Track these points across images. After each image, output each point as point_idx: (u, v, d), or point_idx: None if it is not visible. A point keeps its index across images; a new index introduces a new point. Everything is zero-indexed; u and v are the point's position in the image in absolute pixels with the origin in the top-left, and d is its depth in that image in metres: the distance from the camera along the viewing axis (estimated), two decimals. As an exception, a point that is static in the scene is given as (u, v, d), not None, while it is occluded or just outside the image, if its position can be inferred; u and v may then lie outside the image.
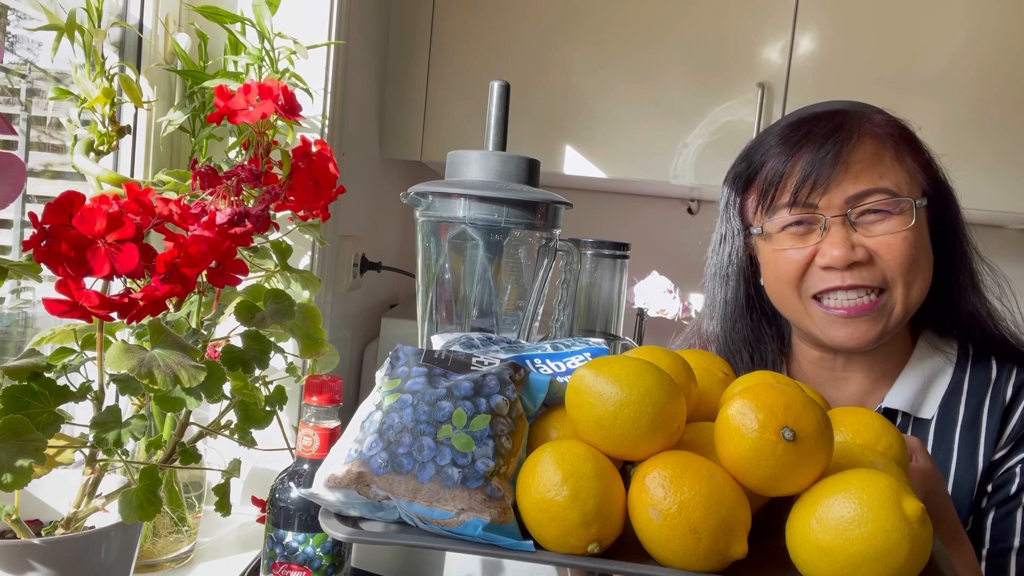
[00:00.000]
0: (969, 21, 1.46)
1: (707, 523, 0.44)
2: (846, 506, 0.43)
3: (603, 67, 1.56)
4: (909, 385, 0.84)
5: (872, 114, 0.83)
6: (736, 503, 0.45)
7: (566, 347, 0.64)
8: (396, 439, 0.48)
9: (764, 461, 0.45)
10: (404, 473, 0.47)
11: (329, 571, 0.74)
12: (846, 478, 0.45)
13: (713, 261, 0.94)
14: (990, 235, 0.88)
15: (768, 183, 0.82)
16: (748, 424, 0.45)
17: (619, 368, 0.49)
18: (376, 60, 1.53)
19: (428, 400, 0.50)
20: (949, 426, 0.82)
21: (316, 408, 0.73)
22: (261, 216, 0.76)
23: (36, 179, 0.98)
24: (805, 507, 0.45)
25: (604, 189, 1.94)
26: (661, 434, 0.48)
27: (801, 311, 0.83)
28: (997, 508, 0.78)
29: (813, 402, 0.47)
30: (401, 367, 0.54)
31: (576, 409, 0.50)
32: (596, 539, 0.46)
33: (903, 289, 0.78)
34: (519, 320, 0.76)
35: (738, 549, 0.44)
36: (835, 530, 0.42)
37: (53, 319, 0.71)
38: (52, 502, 0.75)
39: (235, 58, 1.02)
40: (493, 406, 0.50)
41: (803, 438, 0.45)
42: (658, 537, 0.45)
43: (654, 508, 0.45)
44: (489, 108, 0.72)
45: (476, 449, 0.47)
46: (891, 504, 0.42)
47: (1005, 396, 0.81)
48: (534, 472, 0.47)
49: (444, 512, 0.46)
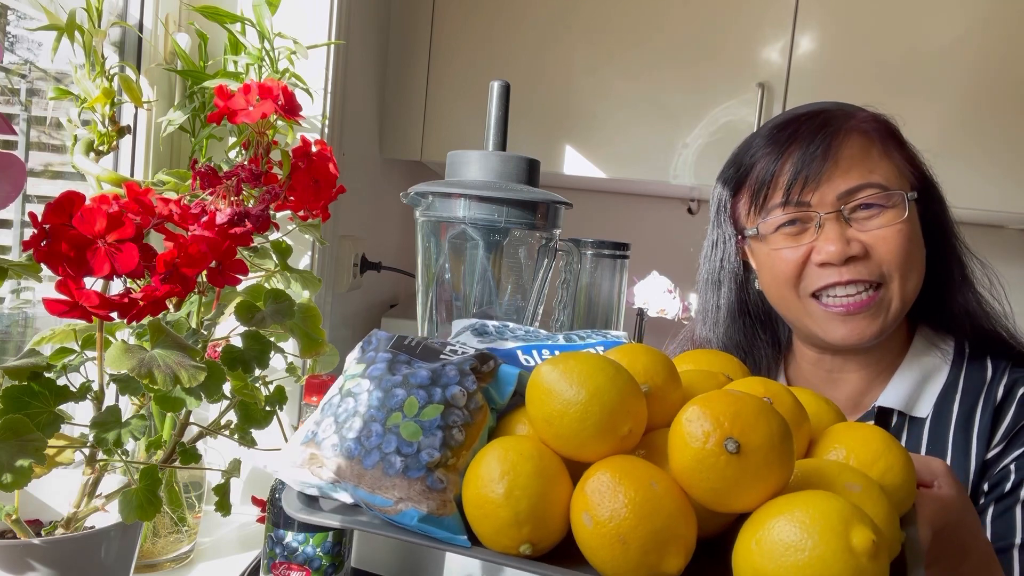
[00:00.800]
0: (968, 21, 1.46)
1: (636, 533, 0.41)
2: (787, 530, 0.39)
3: (603, 67, 1.56)
4: (904, 384, 0.84)
5: (856, 111, 0.83)
6: (675, 516, 0.42)
7: (580, 339, 0.63)
8: (348, 423, 0.49)
9: (706, 473, 0.42)
10: (351, 458, 0.47)
11: (329, 571, 0.74)
12: (794, 499, 0.41)
13: (705, 267, 0.94)
14: (989, 235, 0.88)
15: (759, 183, 0.83)
16: (694, 432, 0.42)
17: (575, 365, 0.47)
18: (376, 60, 1.53)
19: (384, 387, 0.50)
20: (943, 425, 0.82)
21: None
22: (261, 216, 0.76)
23: (36, 179, 0.98)
24: (748, 527, 0.41)
25: (604, 189, 1.94)
26: (609, 437, 0.46)
27: (801, 310, 0.83)
28: (995, 506, 0.78)
29: (771, 414, 0.43)
30: (370, 352, 0.54)
31: (530, 404, 0.48)
32: (528, 540, 0.44)
33: (900, 282, 0.79)
34: (519, 320, 0.76)
35: (671, 564, 0.41)
36: (772, 555, 0.39)
37: (53, 319, 0.71)
38: (52, 502, 0.75)
39: (235, 58, 1.02)
40: (448, 396, 0.49)
41: (749, 451, 0.41)
42: (589, 544, 0.43)
43: (587, 514, 0.43)
44: (489, 108, 0.72)
45: (423, 439, 0.47)
46: (836, 532, 0.38)
47: (997, 395, 0.82)
48: (478, 467, 0.46)
49: (384, 499, 0.46)
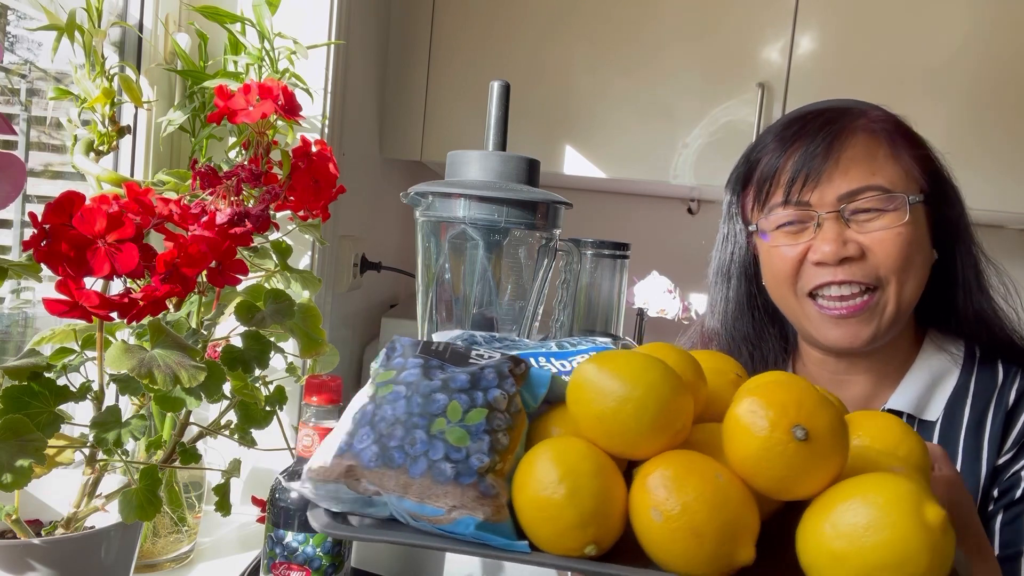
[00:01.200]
0: (969, 21, 1.46)
1: (711, 526, 0.42)
2: (863, 511, 0.40)
3: (603, 67, 1.56)
4: (914, 387, 0.83)
5: (868, 109, 0.82)
6: (743, 506, 0.43)
7: (571, 346, 0.63)
8: (388, 432, 0.46)
9: (774, 462, 0.43)
10: (395, 467, 0.45)
11: (329, 571, 0.74)
12: (863, 482, 0.42)
13: (716, 259, 0.94)
14: (990, 235, 0.87)
15: (763, 179, 0.83)
16: (758, 423, 0.43)
17: (623, 362, 0.47)
18: (376, 60, 1.53)
19: (423, 392, 0.48)
20: (954, 429, 0.81)
21: (316, 408, 0.73)
22: (261, 216, 0.76)
23: (36, 179, 0.98)
24: (818, 512, 0.42)
25: (604, 189, 1.94)
26: (664, 432, 0.46)
27: (798, 310, 0.83)
28: (1004, 512, 0.78)
29: (827, 400, 0.45)
30: (397, 358, 0.52)
31: (577, 404, 0.48)
32: (593, 541, 0.44)
33: (896, 287, 0.78)
34: (519, 320, 0.76)
35: (744, 554, 0.42)
36: (850, 536, 0.40)
37: (53, 319, 0.71)
38: (52, 502, 0.75)
39: (235, 58, 1.02)
40: (490, 400, 0.48)
41: (815, 437, 0.42)
42: (659, 540, 0.43)
43: (655, 509, 0.43)
44: (489, 108, 0.72)
45: (471, 444, 0.45)
46: (911, 510, 0.39)
47: (1009, 400, 0.81)
48: (531, 469, 0.45)
49: (435, 509, 0.44)
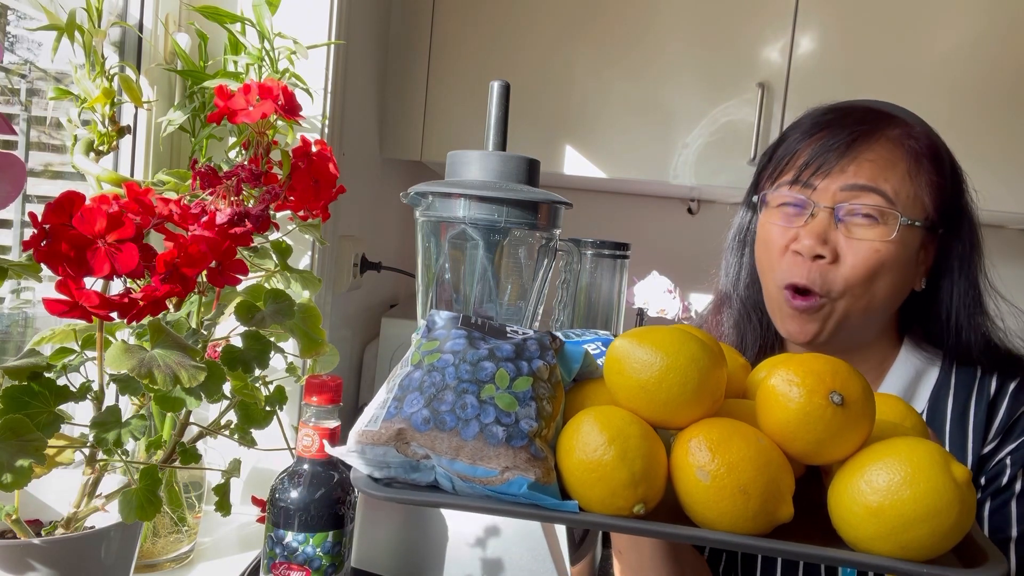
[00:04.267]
0: (968, 21, 1.46)
1: (757, 484, 0.45)
2: (897, 468, 0.44)
3: (603, 67, 1.56)
4: (898, 381, 0.85)
5: (911, 123, 0.82)
6: (782, 467, 0.46)
7: (576, 335, 0.65)
8: (438, 396, 0.48)
9: (813, 426, 0.46)
10: (447, 430, 0.46)
11: (329, 571, 0.74)
12: (893, 444, 0.46)
13: (735, 226, 0.95)
14: (989, 235, 0.87)
15: (781, 156, 0.84)
16: (794, 391, 0.46)
17: (662, 336, 0.50)
18: (376, 60, 1.53)
19: (471, 360, 0.49)
20: (938, 421, 0.83)
21: (316, 408, 0.73)
22: (261, 216, 0.76)
23: (36, 179, 0.98)
24: (852, 471, 0.46)
25: (604, 189, 1.94)
26: (705, 399, 0.49)
27: (773, 296, 0.84)
28: (991, 500, 0.79)
29: (855, 370, 0.48)
30: (439, 330, 0.53)
31: (618, 375, 0.50)
32: (643, 499, 0.46)
33: (848, 300, 0.79)
34: (519, 320, 0.76)
35: (785, 511, 0.45)
36: (886, 491, 0.43)
37: (53, 319, 0.71)
38: (52, 502, 0.75)
39: (235, 58, 1.02)
40: (535, 369, 0.50)
41: (851, 402, 0.46)
42: (706, 499, 0.45)
43: (702, 470, 0.45)
44: (489, 108, 0.72)
45: (520, 409, 0.47)
46: (941, 467, 0.43)
47: (990, 391, 0.83)
48: (577, 434, 0.47)
49: (488, 470, 0.45)
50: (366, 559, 0.98)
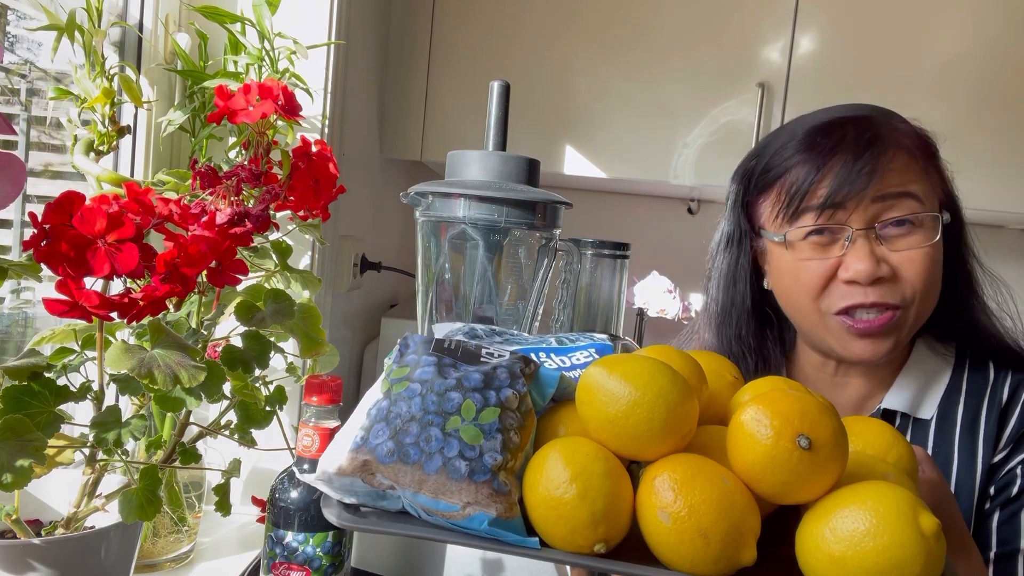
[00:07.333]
0: (969, 22, 1.46)
1: (718, 528, 0.43)
2: (861, 518, 0.42)
3: (603, 67, 1.56)
4: (908, 387, 0.84)
5: (899, 123, 0.80)
6: (747, 509, 0.45)
7: (570, 341, 0.64)
8: (403, 428, 0.47)
9: (778, 469, 0.44)
10: (410, 463, 0.46)
11: (329, 571, 0.74)
12: (861, 490, 0.44)
13: (719, 261, 0.90)
14: (990, 235, 0.87)
15: (794, 192, 0.79)
16: (762, 431, 0.45)
17: (633, 367, 0.49)
18: (376, 60, 1.53)
19: (437, 390, 0.49)
20: (948, 427, 0.82)
21: (316, 408, 0.73)
22: (261, 216, 0.76)
23: (36, 179, 0.98)
24: (818, 517, 0.44)
25: (604, 189, 1.94)
26: (673, 435, 0.47)
27: (818, 323, 0.81)
28: (1001, 510, 0.78)
29: (829, 409, 0.46)
30: (410, 355, 0.53)
31: (587, 407, 0.49)
32: (603, 539, 0.45)
33: (919, 305, 0.77)
34: (519, 320, 0.76)
35: (747, 556, 0.44)
36: (849, 541, 0.42)
37: (53, 319, 0.71)
38: (52, 502, 0.75)
39: (235, 58, 1.02)
40: (503, 399, 0.49)
41: (819, 446, 0.44)
42: (666, 540, 0.44)
43: (663, 511, 0.44)
44: (489, 108, 0.72)
45: (484, 442, 0.47)
46: (907, 518, 0.42)
47: (1002, 398, 0.81)
48: (542, 468, 0.47)
49: (449, 505, 0.45)
50: (366, 559, 0.98)
